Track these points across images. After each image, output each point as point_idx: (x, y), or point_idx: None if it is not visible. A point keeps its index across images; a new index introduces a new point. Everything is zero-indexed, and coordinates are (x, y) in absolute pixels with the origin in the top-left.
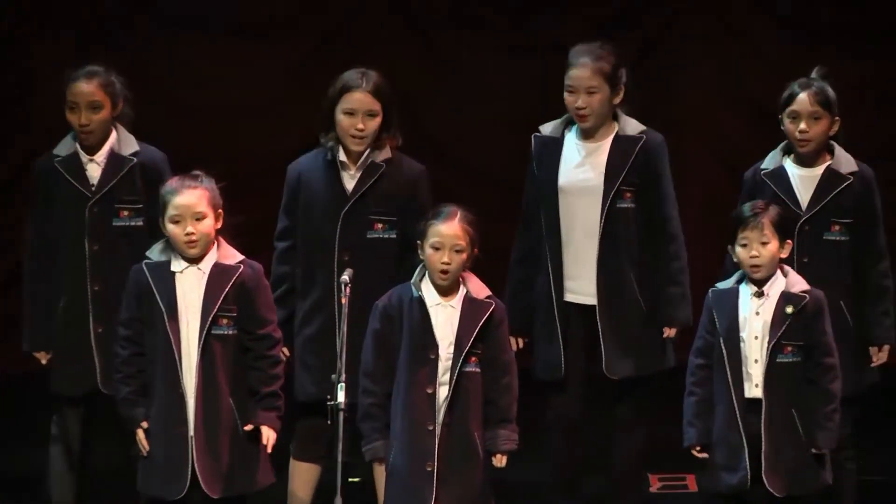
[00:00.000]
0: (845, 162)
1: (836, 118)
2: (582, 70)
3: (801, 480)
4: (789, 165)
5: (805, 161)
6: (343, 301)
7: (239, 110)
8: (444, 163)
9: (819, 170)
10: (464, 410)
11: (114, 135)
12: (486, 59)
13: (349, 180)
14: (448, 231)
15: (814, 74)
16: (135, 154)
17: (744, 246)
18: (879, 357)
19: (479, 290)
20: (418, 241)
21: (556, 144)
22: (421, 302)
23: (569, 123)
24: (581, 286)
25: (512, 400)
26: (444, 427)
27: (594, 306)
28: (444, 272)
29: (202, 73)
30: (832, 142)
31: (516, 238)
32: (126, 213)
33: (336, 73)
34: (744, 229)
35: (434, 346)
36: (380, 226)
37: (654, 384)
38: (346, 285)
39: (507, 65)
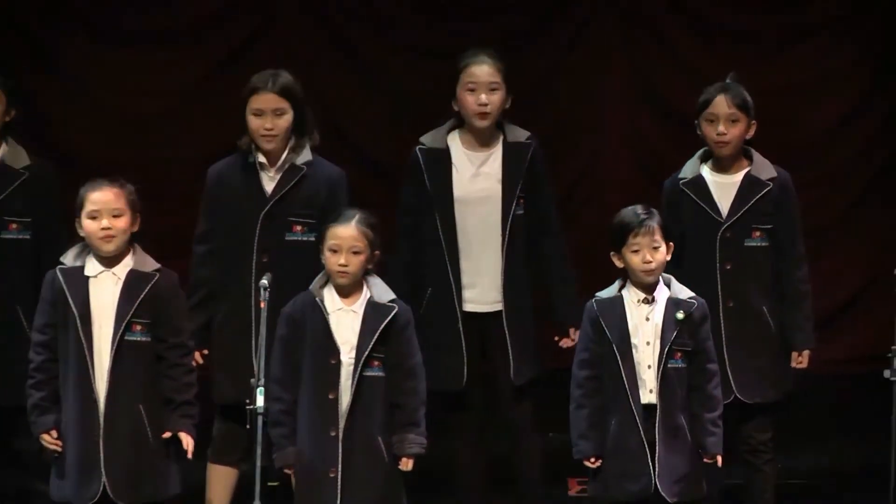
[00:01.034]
0: (764, 168)
1: (753, 121)
2: (483, 67)
3: (690, 487)
4: (707, 173)
5: (723, 168)
6: (262, 305)
7: (153, 117)
8: (362, 165)
9: (738, 176)
10: (367, 415)
11: (3, 147)
12: (403, 63)
13: (268, 182)
14: (345, 233)
15: (729, 79)
16: (26, 168)
17: (636, 252)
18: (800, 362)
19: (383, 293)
20: (319, 246)
21: (444, 155)
22: (321, 307)
23: (451, 131)
24: (478, 295)
25: (419, 404)
26: (347, 432)
27: (490, 314)
28: (343, 274)
29: (116, 81)
30: (750, 148)
31: (398, 250)
32: (14, 226)
33: (251, 78)
34: (635, 235)
35: (335, 350)
36: (299, 228)
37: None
38: (264, 290)
39: (424, 68)
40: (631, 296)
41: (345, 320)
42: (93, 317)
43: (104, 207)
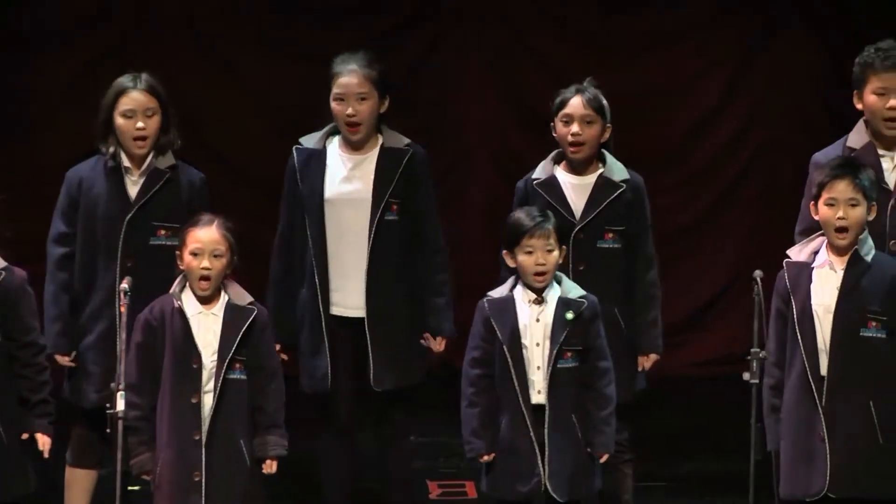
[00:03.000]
0: (617, 170)
1: (608, 125)
2: (351, 77)
3: (580, 485)
4: (561, 174)
5: (577, 169)
6: (122, 310)
7: (17, 122)
8: (223, 170)
9: (591, 178)
10: (230, 418)
11: None
12: (263, 68)
13: (132, 186)
14: (206, 236)
15: (587, 82)
16: None
17: (529, 253)
18: (646, 366)
19: (241, 296)
20: (177, 252)
21: (319, 157)
22: (181, 312)
23: (330, 135)
24: (347, 299)
25: (280, 405)
26: (210, 436)
27: (361, 319)
28: (205, 278)
29: None
30: (604, 150)
31: (275, 251)
32: None
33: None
34: (530, 237)
35: (196, 355)
36: (163, 232)
37: (418, 394)
38: (125, 294)
39: (284, 73)
40: (522, 296)
41: (205, 324)
42: None
43: None
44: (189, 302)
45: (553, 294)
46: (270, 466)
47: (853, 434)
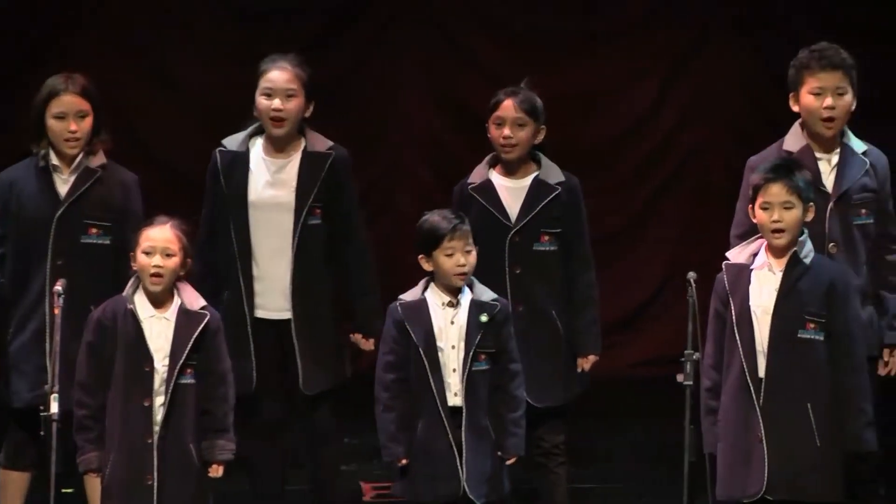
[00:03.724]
0: (552, 172)
1: (542, 126)
2: (281, 73)
3: (495, 487)
4: (496, 178)
5: (512, 172)
6: (55, 311)
7: None
8: (155, 169)
9: (526, 181)
10: (180, 422)
11: None
12: (194, 69)
13: (62, 185)
14: (159, 235)
15: (523, 84)
16: None
17: (449, 255)
18: (585, 367)
19: (194, 300)
20: (131, 253)
21: (242, 159)
22: (134, 314)
23: (253, 136)
24: (271, 302)
25: (228, 410)
26: (162, 440)
27: (283, 321)
28: (157, 276)
29: None
30: (539, 152)
31: (197, 250)
32: None
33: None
34: (451, 239)
35: (149, 358)
36: (94, 231)
37: (349, 395)
38: (59, 296)
39: (215, 74)
40: (435, 299)
41: (157, 328)
42: None
43: None
44: (142, 305)
45: (466, 297)
46: (217, 471)
47: (791, 436)
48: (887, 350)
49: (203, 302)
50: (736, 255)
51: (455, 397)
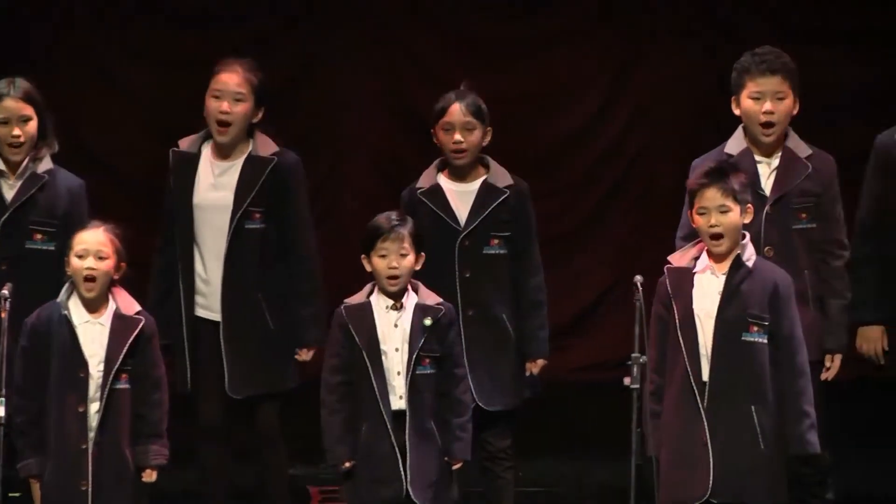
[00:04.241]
0: (501, 175)
1: (488, 128)
2: (231, 76)
3: (440, 492)
4: (445, 182)
5: (460, 176)
6: (2, 315)
7: None
8: (101, 175)
9: (475, 184)
10: (115, 428)
11: None
12: (139, 73)
13: (8, 190)
14: (91, 238)
15: (462, 86)
16: None
17: (383, 257)
18: (534, 371)
19: (129, 306)
20: (65, 258)
21: (192, 161)
22: (68, 320)
23: (205, 139)
24: (214, 303)
25: (162, 415)
26: (97, 445)
27: (219, 322)
28: (90, 279)
29: None
30: (486, 156)
31: (158, 251)
32: None
33: None
34: (384, 240)
35: (83, 364)
36: (39, 236)
37: (296, 399)
38: (5, 300)
39: (160, 78)
40: (379, 302)
41: (91, 333)
42: None
43: None
44: (76, 310)
45: (411, 301)
46: (151, 475)
47: (735, 439)
48: (829, 355)
49: (138, 307)
50: (678, 258)
51: (399, 400)
